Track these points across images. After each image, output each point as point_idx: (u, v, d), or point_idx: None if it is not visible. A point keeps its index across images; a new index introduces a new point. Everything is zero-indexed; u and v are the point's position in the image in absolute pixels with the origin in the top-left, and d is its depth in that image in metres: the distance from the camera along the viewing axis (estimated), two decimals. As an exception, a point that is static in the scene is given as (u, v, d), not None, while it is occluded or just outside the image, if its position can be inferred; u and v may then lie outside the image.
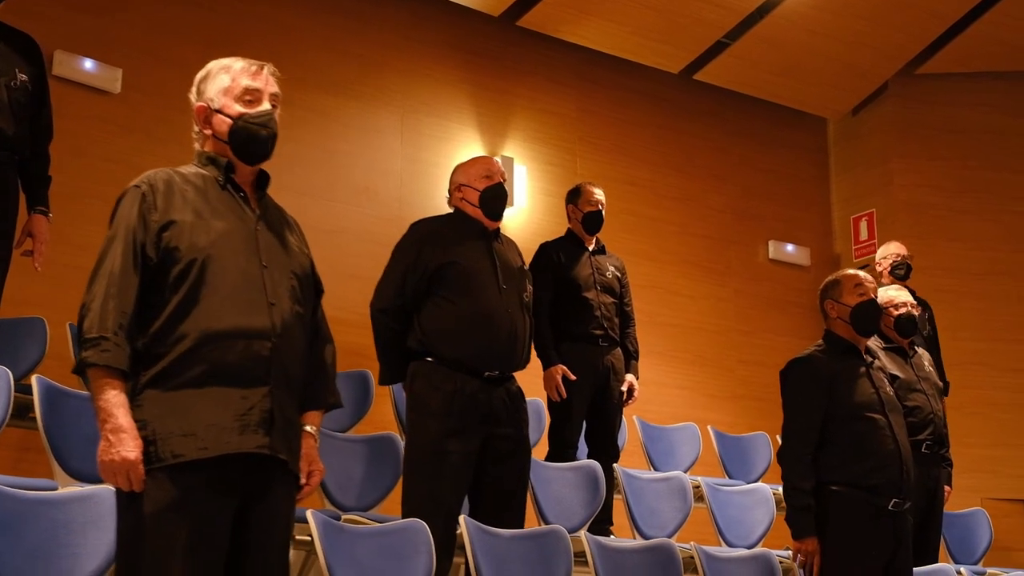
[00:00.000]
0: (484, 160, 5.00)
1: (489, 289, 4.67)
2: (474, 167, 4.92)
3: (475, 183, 4.84)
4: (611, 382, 6.13)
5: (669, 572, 4.70)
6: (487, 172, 4.87)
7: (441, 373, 4.59)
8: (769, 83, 8.83)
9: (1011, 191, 8.98)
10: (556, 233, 6.38)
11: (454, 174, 4.97)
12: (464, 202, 4.87)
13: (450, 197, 4.96)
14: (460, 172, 4.94)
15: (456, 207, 4.92)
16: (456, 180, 4.93)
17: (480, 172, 4.87)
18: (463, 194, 4.88)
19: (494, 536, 4.34)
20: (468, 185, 4.86)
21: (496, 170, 4.90)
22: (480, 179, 4.85)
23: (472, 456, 4.56)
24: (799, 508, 4.49)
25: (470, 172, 4.90)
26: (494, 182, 4.85)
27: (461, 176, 4.92)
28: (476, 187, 4.83)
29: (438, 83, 7.77)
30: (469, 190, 4.85)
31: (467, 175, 4.89)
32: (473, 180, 4.86)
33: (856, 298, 4.73)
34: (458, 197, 4.90)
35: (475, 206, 4.83)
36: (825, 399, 4.56)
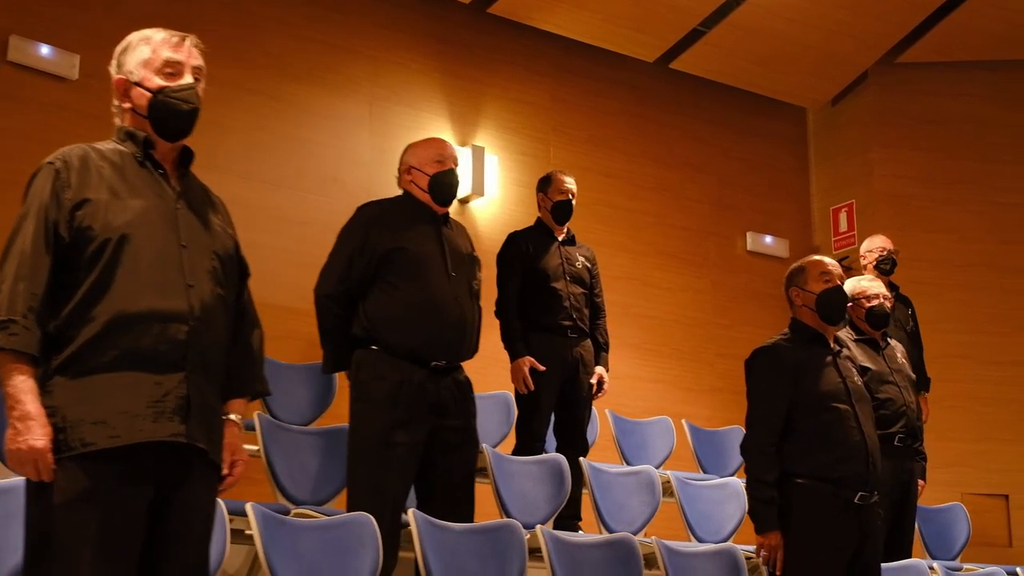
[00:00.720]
0: (436, 143, 4.86)
1: (437, 276, 4.54)
2: (426, 150, 4.77)
3: (425, 167, 4.71)
4: (580, 374, 6.02)
5: (629, 567, 4.57)
6: (439, 156, 4.74)
7: (387, 362, 4.47)
8: (747, 72, 8.70)
9: (993, 181, 8.86)
10: (529, 224, 6.26)
11: (404, 154, 4.83)
12: (413, 185, 4.74)
13: (399, 178, 4.82)
14: (411, 153, 4.80)
15: (405, 190, 4.78)
16: (406, 161, 4.79)
17: (431, 156, 4.74)
18: (412, 177, 4.75)
19: (444, 530, 4.21)
20: (418, 168, 4.73)
21: (448, 155, 4.76)
22: (431, 163, 4.72)
23: (419, 448, 4.45)
24: (762, 501, 4.37)
25: (421, 155, 4.76)
26: (445, 167, 4.72)
27: (412, 158, 4.78)
28: (426, 171, 4.71)
29: (408, 71, 7.64)
30: (419, 174, 4.72)
31: (418, 158, 4.76)
32: (424, 164, 4.72)
33: (822, 285, 4.61)
34: (407, 180, 4.77)
35: (424, 191, 4.70)
36: (790, 388, 4.43)
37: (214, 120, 6.91)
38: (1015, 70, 8.99)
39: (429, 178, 4.69)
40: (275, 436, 4.98)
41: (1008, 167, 8.88)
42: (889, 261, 6.81)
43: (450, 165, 4.72)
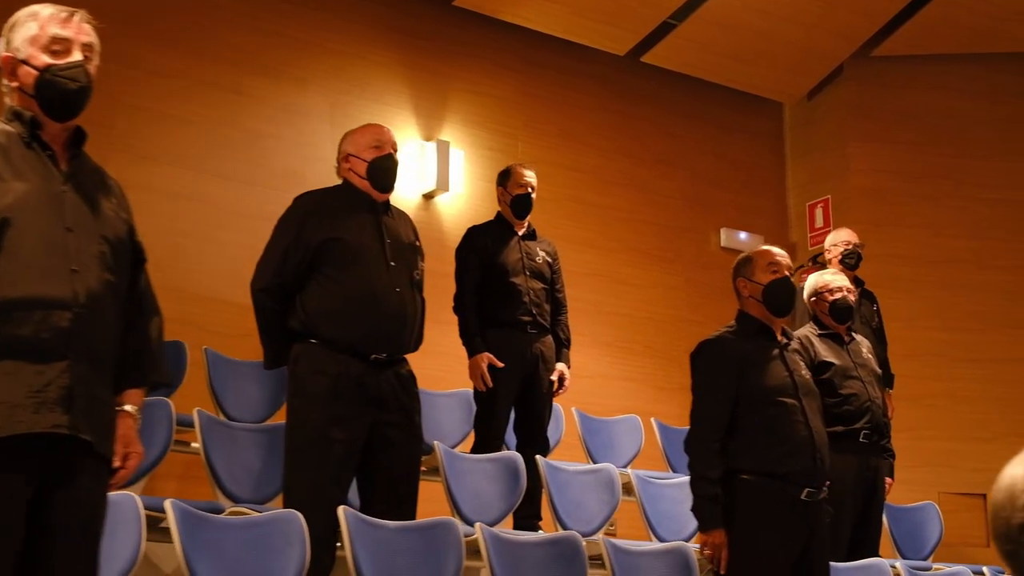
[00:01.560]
0: (373, 129, 4.74)
1: (376, 266, 4.43)
2: (363, 136, 4.67)
3: (363, 153, 4.61)
4: (540, 371, 5.92)
5: (573, 566, 4.45)
6: (376, 142, 4.63)
7: (325, 356, 4.36)
8: (721, 66, 8.58)
9: (970, 176, 8.74)
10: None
11: (342, 143, 4.73)
12: (352, 173, 4.63)
13: (338, 167, 4.71)
14: (348, 141, 4.69)
15: (344, 178, 4.67)
16: (344, 149, 4.69)
17: (369, 142, 4.63)
18: (351, 164, 4.64)
19: (377, 528, 4.10)
20: (356, 155, 4.62)
21: (386, 139, 4.65)
22: (368, 149, 4.61)
23: (357, 444, 4.34)
24: (706, 498, 4.24)
25: (358, 141, 4.65)
26: (383, 153, 4.61)
27: (349, 145, 4.67)
28: (364, 157, 4.60)
29: (371, 65, 7.53)
30: (357, 160, 4.61)
31: (355, 144, 4.65)
32: (361, 150, 4.62)
33: (769, 276, 4.49)
34: (345, 168, 4.66)
35: (363, 178, 4.59)
36: (735, 382, 4.30)
37: (172, 114, 6.85)
38: (992, 63, 8.88)
39: (367, 164, 4.58)
40: (215, 433, 4.88)
41: (985, 162, 8.76)
42: (854, 255, 6.69)
43: (388, 150, 4.62)
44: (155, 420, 4.81)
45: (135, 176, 6.64)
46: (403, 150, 7.53)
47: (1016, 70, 8.91)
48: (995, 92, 8.88)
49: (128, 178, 6.57)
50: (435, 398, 6.73)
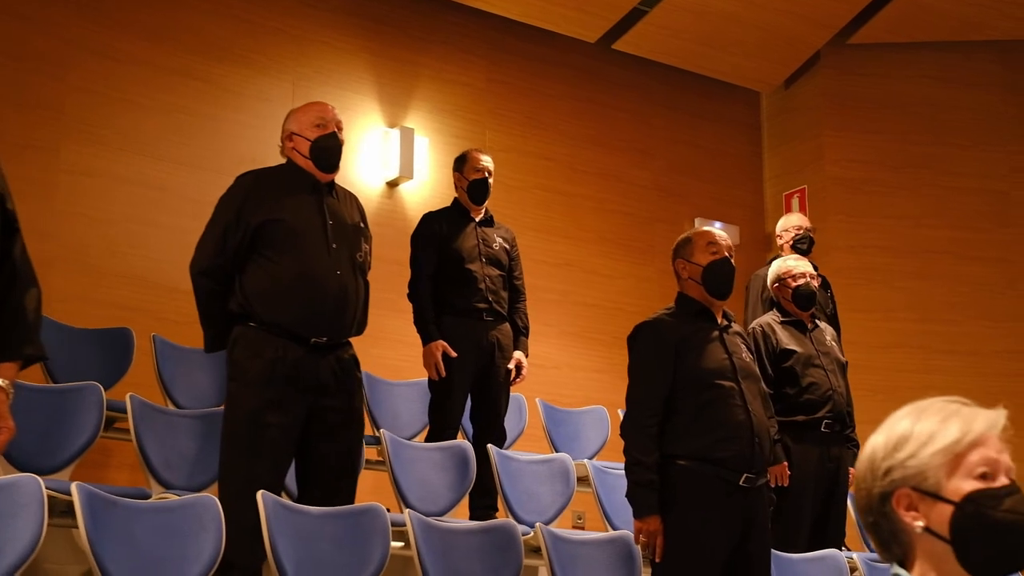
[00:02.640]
0: (317, 107, 4.66)
1: (317, 248, 4.35)
2: (306, 114, 4.58)
3: (306, 132, 4.53)
4: (496, 359, 5.82)
5: (507, 555, 4.35)
6: (319, 120, 4.54)
7: (262, 339, 4.28)
8: (694, 54, 8.46)
9: (948, 166, 8.61)
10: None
11: (285, 121, 4.65)
12: (295, 152, 4.56)
13: (282, 147, 4.63)
14: (291, 119, 4.62)
15: (287, 158, 4.59)
16: (287, 128, 4.61)
17: (312, 120, 4.54)
18: (294, 144, 4.56)
19: (300, 514, 4.01)
20: (299, 134, 4.54)
21: (330, 118, 4.57)
22: (311, 128, 4.53)
23: (294, 429, 4.25)
24: (640, 484, 4.12)
25: (301, 120, 4.57)
26: (327, 131, 4.52)
27: (292, 124, 4.59)
28: (307, 136, 4.52)
29: (335, 51, 7.43)
30: (300, 139, 4.54)
31: (298, 123, 4.57)
32: (304, 128, 4.54)
33: (708, 257, 4.38)
34: (289, 147, 4.58)
35: (306, 157, 4.51)
36: (671, 365, 4.19)
37: (129, 100, 6.76)
38: (970, 52, 8.75)
39: (310, 143, 4.51)
40: (148, 419, 4.78)
41: (963, 151, 8.63)
42: (806, 240, 6.58)
43: (332, 128, 4.54)
44: (85, 405, 4.72)
45: (89, 162, 6.57)
46: (366, 137, 7.49)
47: (995, 59, 8.78)
48: (974, 81, 8.75)
49: (82, 164, 6.57)
50: (394, 388, 6.65)
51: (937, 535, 1.80)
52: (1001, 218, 8.59)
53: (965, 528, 1.79)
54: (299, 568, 3.86)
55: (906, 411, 1.90)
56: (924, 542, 1.83)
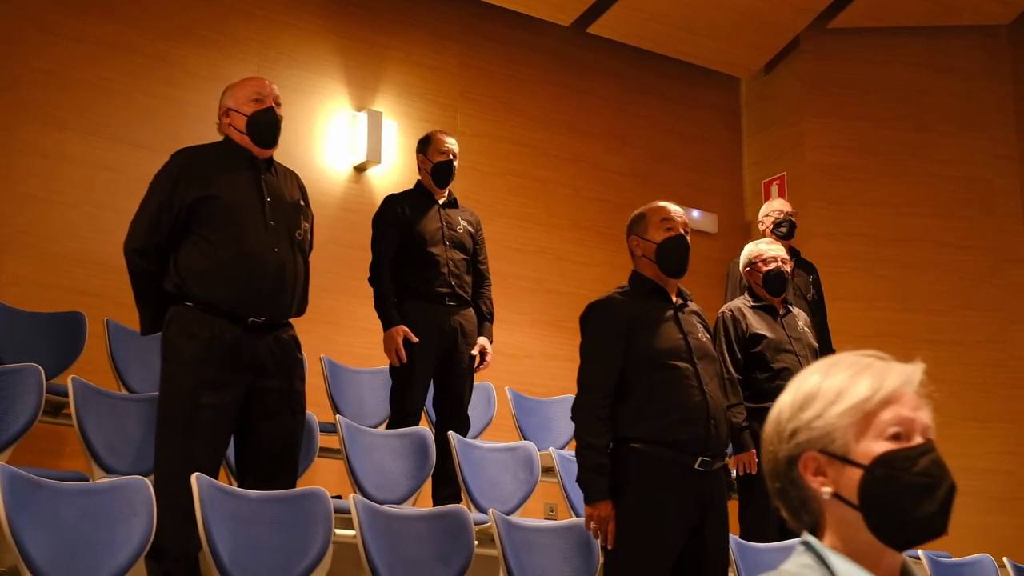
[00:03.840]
0: (254, 82, 4.54)
1: (253, 225, 4.23)
2: (242, 89, 4.46)
3: (242, 107, 4.41)
4: (459, 345, 5.68)
5: (459, 542, 4.21)
6: (256, 95, 4.42)
7: (198, 318, 4.15)
8: (671, 38, 8.30)
9: (929, 152, 8.46)
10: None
11: (222, 97, 4.53)
12: (231, 128, 4.44)
13: (219, 124, 4.50)
14: (228, 95, 4.49)
15: (224, 134, 4.47)
16: (224, 104, 4.48)
17: (248, 95, 4.42)
18: (231, 120, 4.44)
19: (237, 497, 3.87)
20: (235, 109, 4.43)
21: (267, 92, 4.44)
22: (248, 103, 4.41)
23: (230, 410, 4.12)
24: (591, 468, 3.97)
25: (238, 95, 4.45)
26: (264, 106, 4.40)
27: (228, 99, 4.47)
28: (243, 111, 4.40)
29: (301, 32, 7.28)
30: (236, 115, 4.42)
31: (234, 98, 4.44)
32: (241, 104, 4.41)
33: (663, 234, 4.24)
34: (226, 123, 4.46)
35: (243, 133, 4.39)
36: (623, 345, 4.04)
37: (86, 80, 6.61)
38: (952, 37, 8.60)
39: (247, 118, 4.39)
40: (91, 403, 4.64)
41: (945, 137, 8.48)
42: (786, 224, 6.43)
43: (269, 103, 4.42)
44: (23, 388, 4.58)
45: (47, 144, 6.43)
46: (333, 120, 7.34)
47: (978, 44, 8.63)
48: (957, 66, 8.60)
49: (40, 146, 6.41)
50: (358, 375, 6.52)
51: (846, 501, 1.65)
52: (985, 206, 8.45)
53: (875, 493, 1.63)
54: (235, 554, 3.72)
55: (816, 366, 1.73)
56: (833, 509, 1.67)
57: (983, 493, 7.97)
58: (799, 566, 1.66)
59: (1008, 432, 8.05)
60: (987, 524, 7.87)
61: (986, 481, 7.98)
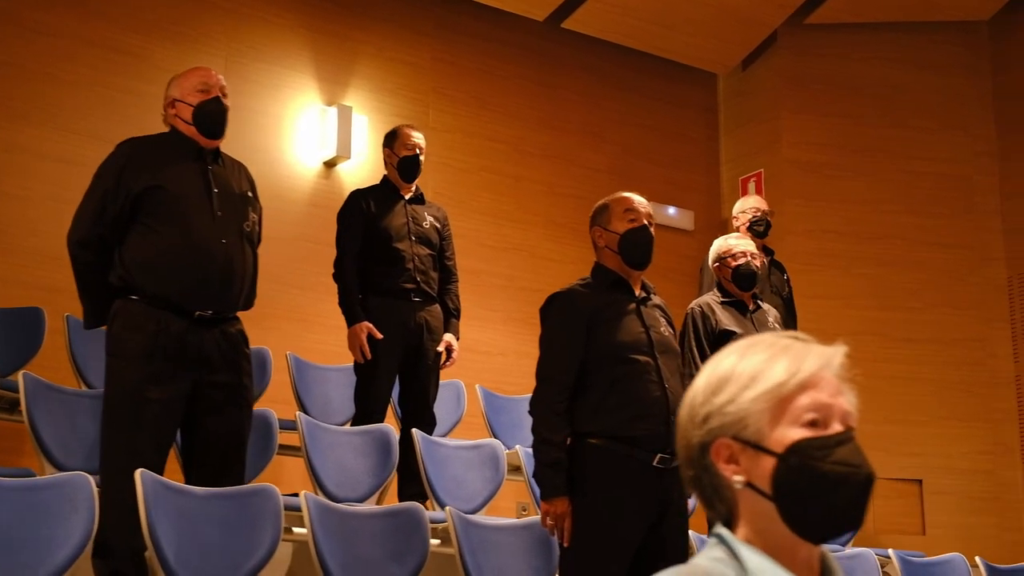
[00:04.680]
0: (200, 71, 4.47)
1: (200, 216, 4.16)
2: (188, 79, 4.40)
3: (188, 97, 4.34)
4: (425, 341, 5.61)
5: (413, 540, 4.12)
6: (202, 85, 4.36)
7: (143, 312, 4.07)
8: (647, 33, 8.22)
9: (907, 149, 8.38)
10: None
11: (167, 88, 4.47)
12: (178, 119, 4.38)
13: (164, 115, 4.43)
14: (173, 85, 4.44)
15: (171, 125, 4.41)
16: (169, 95, 4.43)
17: (194, 85, 4.36)
18: (177, 110, 4.38)
19: (183, 494, 3.78)
20: (181, 100, 4.36)
21: (213, 82, 4.38)
22: (194, 93, 4.35)
23: (176, 405, 4.05)
24: (547, 464, 3.89)
25: (183, 85, 4.39)
26: (210, 96, 4.33)
27: (174, 90, 4.41)
28: (189, 102, 4.33)
29: (270, 26, 7.19)
30: (183, 106, 4.35)
31: (180, 89, 4.39)
32: (186, 94, 4.35)
33: (626, 225, 4.16)
34: (172, 114, 4.40)
35: (188, 123, 4.32)
36: (583, 338, 3.96)
37: (50, 74, 6.51)
38: (931, 32, 8.53)
39: (193, 108, 4.32)
40: (42, 399, 4.55)
41: (924, 134, 8.41)
42: (763, 222, 6.36)
43: (216, 93, 4.35)
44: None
45: (11, 138, 6.34)
46: (303, 115, 7.25)
47: (957, 40, 8.56)
48: (936, 62, 8.53)
49: (3, 140, 6.31)
50: (325, 372, 6.44)
51: (759, 491, 1.57)
52: (964, 203, 8.38)
53: (789, 483, 1.54)
54: (180, 552, 3.63)
55: (733, 347, 1.65)
56: (747, 499, 1.59)
57: (963, 493, 7.91)
58: (710, 560, 1.57)
59: (987, 431, 7.99)
60: (967, 524, 7.82)
61: (965, 481, 7.92)
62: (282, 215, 7.02)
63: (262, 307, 6.81)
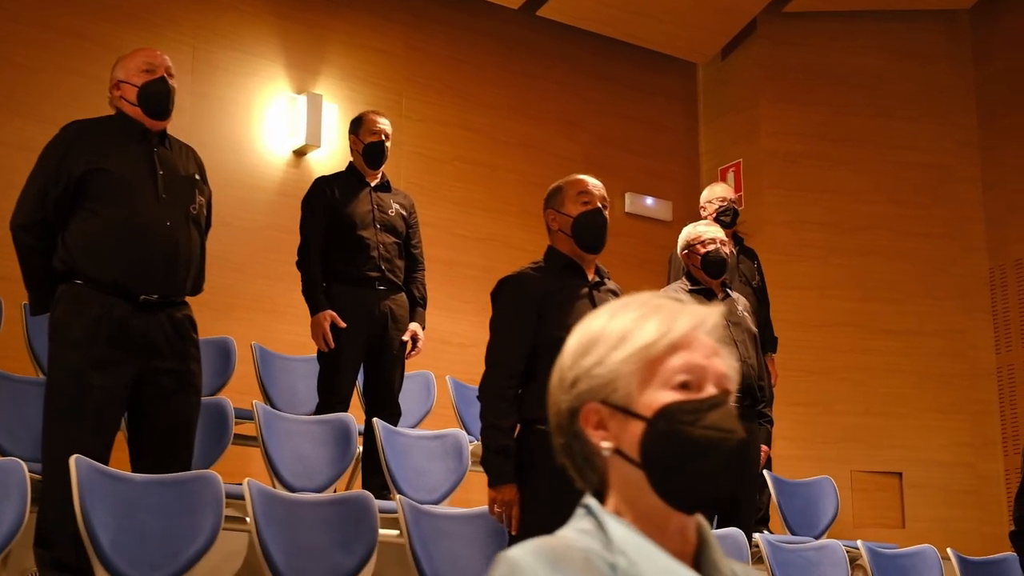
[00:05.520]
0: (145, 52, 4.40)
1: (144, 199, 4.08)
2: (132, 60, 4.33)
3: (133, 78, 4.27)
4: (390, 330, 5.54)
5: (360, 528, 4.04)
6: (147, 65, 4.29)
7: (86, 296, 3.99)
8: (625, 22, 8.13)
9: (887, 139, 8.28)
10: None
11: (112, 70, 4.39)
12: (123, 101, 4.30)
13: (110, 97, 4.36)
14: (118, 67, 4.37)
15: (116, 107, 4.33)
16: (114, 76, 4.36)
17: (139, 65, 4.29)
18: (121, 92, 4.31)
19: (120, 481, 3.70)
20: (126, 81, 4.29)
21: (158, 63, 4.31)
22: (139, 73, 4.27)
23: (121, 392, 3.97)
24: (495, 451, 3.81)
25: (128, 66, 4.32)
26: (155, 76, 4.26)
27: (119, 71, 4.34)
28: (134, 83, 4.26)
29: (238, 13, 7.10)
30: (127, 86, 4.28)
31: (125, 70, 4.32)
32: (131, 75, 4.28)
33: (579, 207, 4.08)
34: (117, 96, 4.33)
35: (134, 104, 4.24)
36: (533, 323, 3.88)
37: (10, 59, 6.43)
38: (912, 21, 8.43)
39: (137, 89, 4.24)
40: (-8, 387, 4.47)
41: (905, 124, 8.31)
42: (730, 212, 6.28)
43: (161, 73, 4.28)
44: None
45: (-30, 125, 6.26)
46: (272, 103, 7.17)
47: (939, 28, 8.47)
48: (917, 51, 8.43)
49: (-36, 127, 6.24)
50: (291, 363, 6.36)
51: (628, 458, 1.48)
52: (945, 193, 8.28)
53: (657, 449, 1.44)
54: (117, 540, 3.56)
55: (606, 307, 1.56)
56: (617, 467, 1.50)
57: (943, 486, 7.83)
58: (576, 531, 1.49)
59: (968, 424, 7.90)
60: (947, 517, 7.73)
61: (945, 473, 7.83)
62: (251, 204, 6.95)
63: (230, 297, 6.80)
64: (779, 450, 7.70)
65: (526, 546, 1.42)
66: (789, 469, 7.18)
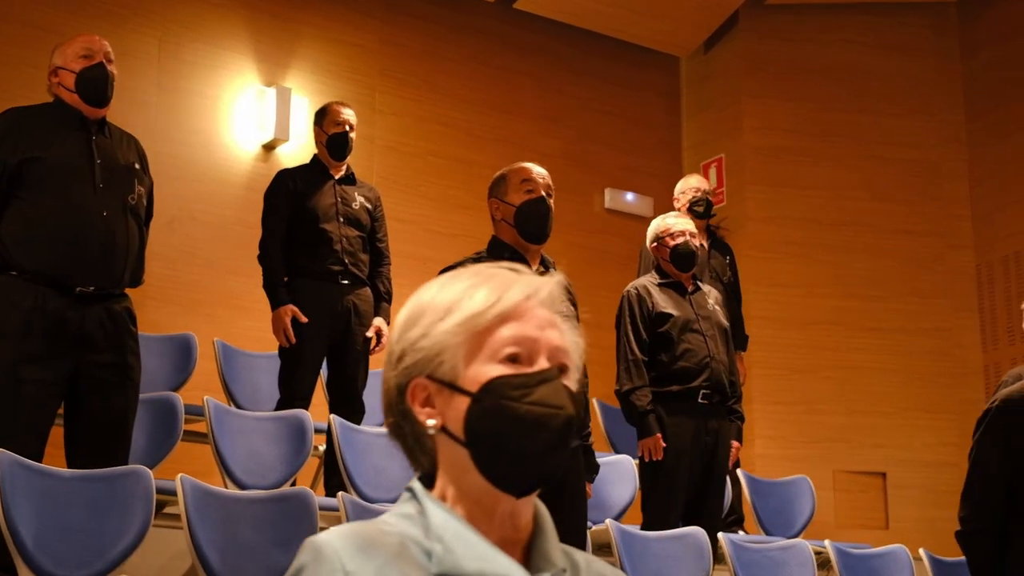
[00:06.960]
0: (84, 38, 4.33)
1: (80, 188, 4.00)
2: (71, 46, 4.25)
3: (71, 64, 4.19)
4: (353, 326, 5.44)
5: (300, 526, 3.93)
6: (86, 51, 4.20)
7: (21, 288, 3.90)
8: (606, 16, 8.01)
9: (871, 135, 8.15)
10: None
11: (51, 57, 4.29)
12: (61, 88, 4.22)
13: (48, 84, 4.27)
14: (56, 53, 4.29)
15: (54, 95, 4.24)
16: (52, 63, 4.28)
17: (77, 51, 4.21)
18: (60, 78, 4.22)
19: (45, 475, 3.60)
20: (64, 67, 4.21)
21: (97, 48, 4.22)
22: (76, 59, 4.19)
23: (56, 386, 3.89)
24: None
25: (66, 53, 4.24)
26: (93, 62, 4.16)
27: (57, 58, 4.27)
28: (72, 69, 4.18)
29: (206, 5, 7.00)
30: (65, 73, 4.20)
31: (63, 56, 4.24)
32: (69, 61, 4.20)
33: (522, 196, 3.99)
34: (55, 83, 4.24)
35: (72, 91, 4.15)
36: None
37: (-26, 52, 6.33)
38: (898, 14, 8.30)
39: (75, 76, 4.15)
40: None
41: (890, 119, 8.18)
42: (703, 202, 6.17)
43: (99, 59, 4.19)
44: None
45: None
46: (240, 96, 7.06)
47: (926, 22, 8.33)
48: (903, 45, 8.30)
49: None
50: (254, 359, 6.26)
51: (454, 436, 1.37)
52: (930, 189, 8.15)
53: (482, 426, 1.34)
54: (40, 536, 3.46)
55: (438, 279, 1.45)
56: (444, 446, 1.39)
57: (927, 486, 7.69)
58: (398, 516, 1.38)
59: (953, 423, 7.75)
60: (931, 518, 7.58)
61: (930, 473, 7.69)
62: (219, 199, 6.85)
63: (196, 292, 6.70)
64: (761, 449, 7.58)
65: (335, 530, 1.32)
66: (771, 469, 7.06)
